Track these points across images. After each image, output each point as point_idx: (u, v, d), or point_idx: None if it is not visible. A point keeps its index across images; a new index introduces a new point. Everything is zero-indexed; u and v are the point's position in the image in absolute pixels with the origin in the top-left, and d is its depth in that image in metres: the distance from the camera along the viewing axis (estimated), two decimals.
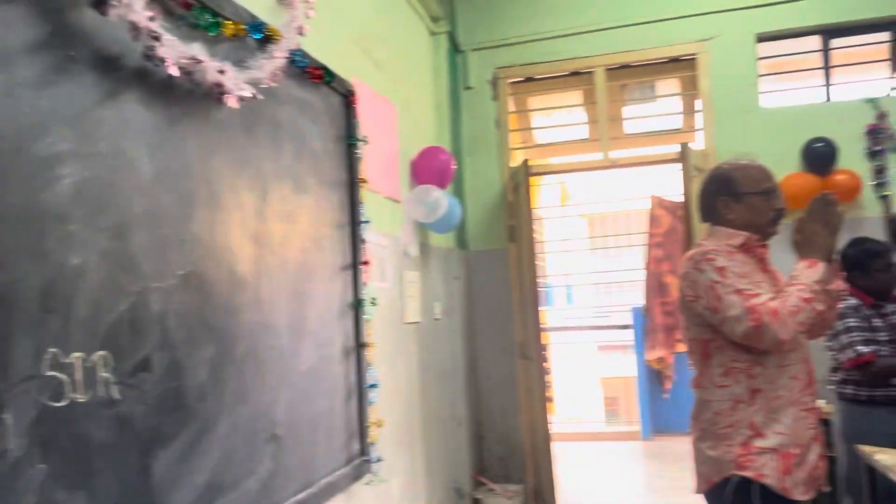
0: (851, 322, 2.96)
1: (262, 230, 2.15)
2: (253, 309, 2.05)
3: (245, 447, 1.96)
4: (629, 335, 7.16)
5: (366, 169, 2.91)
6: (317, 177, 2.55)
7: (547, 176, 9.11)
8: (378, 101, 3.30)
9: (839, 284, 2.06)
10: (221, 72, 1.79)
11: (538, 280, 4.30)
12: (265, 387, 2.09)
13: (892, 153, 4.12)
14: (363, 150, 2.88)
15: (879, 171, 4.11)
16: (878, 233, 3.88)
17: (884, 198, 4.08)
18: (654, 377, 6.77)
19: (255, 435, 2.03)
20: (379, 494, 3.00)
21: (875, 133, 4.12)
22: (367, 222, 2.87)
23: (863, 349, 2.91)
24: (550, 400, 4.50)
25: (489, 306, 4.63)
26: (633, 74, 4.69)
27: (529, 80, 4.80)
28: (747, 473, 1.91)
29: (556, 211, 10.46)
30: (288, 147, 2.35)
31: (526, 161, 4.14)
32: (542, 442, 4.08)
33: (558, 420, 8.28)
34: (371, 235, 3.02)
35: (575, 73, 4.67)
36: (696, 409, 2.08)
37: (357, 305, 2.82)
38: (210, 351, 1.82)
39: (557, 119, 5.35)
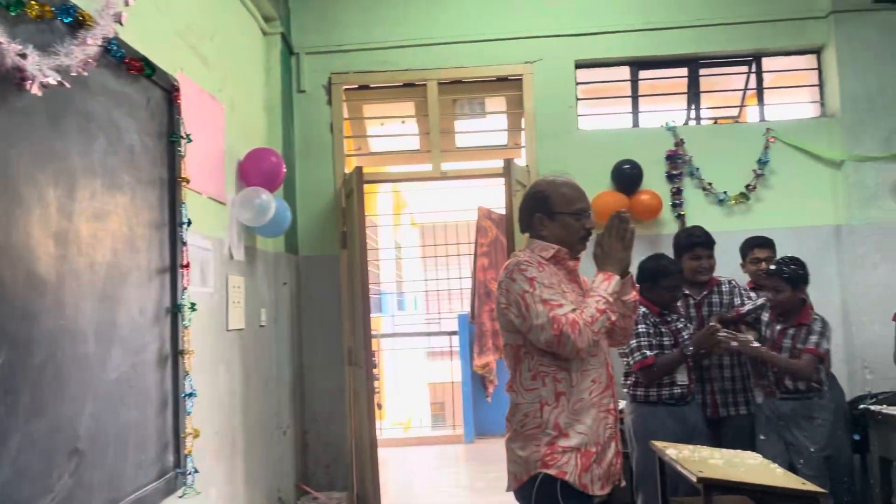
0: (640, 328, 3.25)
1: (68, 229, 2.00)
2: (54, 313, 1.90)
3: (40, 463, 1.81)
4: (456, 341, 7.39)
5: (188, 168, 2.79)
6: (133, 174, 2.41)
7: (381, 184, 9.20)
8: (204, 98, 3.18)
9: (634, 296, 2.26)
10: (23, 55, 1.65)
11: (369, 287, 4.33)
12: (67, 397, 1.94)
13: (687, 177, 4.59)
14: (186, 149, 2.76)
15: (676, 193, 4.56)
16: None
17: (679, 217, 4.54)
18: (478, 382, 7.03)
19: (54, 450, 1.87)
20: None
21: (673, 158, 4.57)
22: (188, 223, 2.75)
23: (647, 353, 3.21)
24: (379, 406, 4.52)
25: (319, 313, 4.58)
26: (464, 90, 4.87)
27: (364, 87, 4.83)
28: (550, 471, 2.05)
29: (389, 219, 10.57)
30: (100, 141, 2.21)
31: (359, 168, 4.15)
32: (367, 448, 4.09)
33: (386, 426, 8.35)
34: (193, 237, 2.89)
35: (409, 85, 4.77)
36: (509, 412, 2.20)
37: (175, 311, 2.69)
38: (0, 358, 1.66)
39: (391, 129, 5.42)
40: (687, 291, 3.52)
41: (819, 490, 2.34)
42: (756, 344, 3.32)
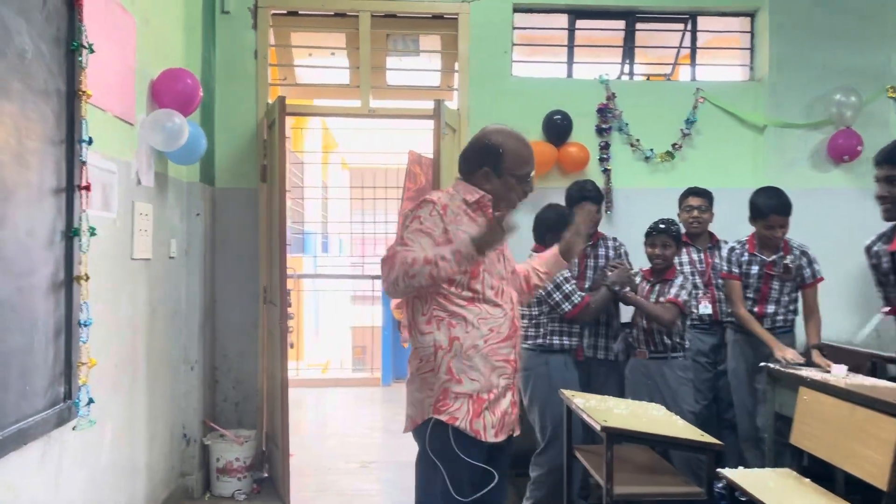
0: (566, 273, 3.30)
1: None
2: None
3: None
4: (379, 286, 7.33)
5: (92, 82, 2.57)
6: (23, 81, 2.20)
7: (310, 120, 8.92)
8: (112, 7, 2.93)
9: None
10: None
11: (293, 226, 4.18)
12: None
13: (616, 132, 4.59)
14: (87, 60, 2.54)
15: (604, 147, 4.56)
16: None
17: (605, 171, 4.55)
18: (396, 327, 7.03)
19: None
20: (89, 440, 2.75)
21: (604, 112, 4.56)
22: (89, 142, 2.55)
23: (582, 294, 3.35)
24: (291, 346, 4.44)
25: (234, 247, 4.42)
26: (399, 25, 4.69)
27: (293, 14, 4.59)
28: (442, 417, 2.04)
29: (318, 157, 10.30)
30: None
31: (282, 98, 3.95)
32: (278, 387, 4.01)
33: (305, 366, 8.29)
34: (95, 158, 2.70)
35: (340, 15, 4.55)
36: (410, 355, 2.18)
37: (71, 234, 2.51)
38: None
39: (319, 60, 5.20)
40: None
41: (716, 442, 2.41)
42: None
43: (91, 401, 2.62)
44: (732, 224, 3.94)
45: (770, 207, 3.53)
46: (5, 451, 2.11)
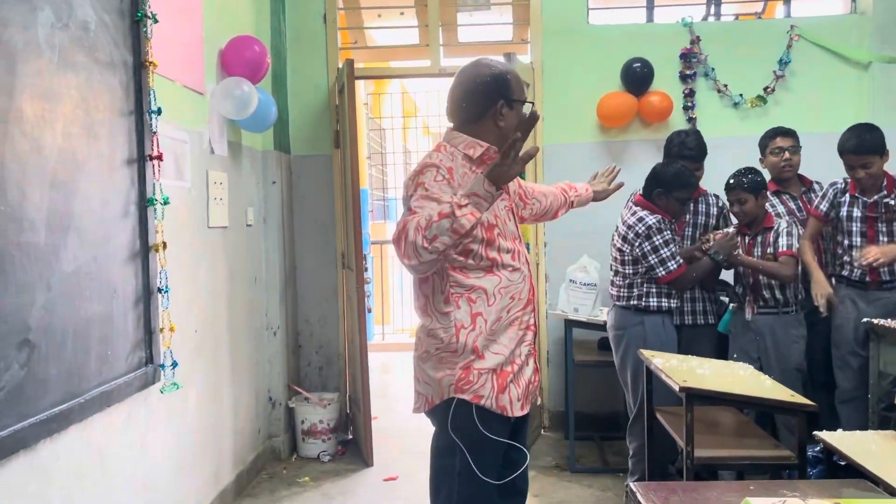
0: (667, 236, 3.11)
1: (7, 107, 1.84)
2: None
3: None
4: None
5: (159, 53, 2.60)
6: (88, 53, 2.23)
7: (389, 86, 8.89)
8: None
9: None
10: None
11: (367, 191, 4.17)
12: (10, 287, 1.83)
13: (701, 77, 4.31)
14: (152, 30, 2.57)
15: (689, 95, 4.30)
16: None
17: (690, 120, 4.29)
18: None
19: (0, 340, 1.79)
20: (174, 404, 2.85)
21: (688, 57, 4.29)
22: (158, 112, 2.59)
23: (680, 260, 3.13)
24: (370, 311, 4.46)
25: (311, 214, 4.46)
26: None
27: None
28: (465, 396, 1.91)
29: (398, 123, 10.29)
30: (46, 13, 2.02)
31: (350, 60, 3.91)
32: (358, 352, 4.05)
33: (392, 331, 8.42)
34: (167, 128, 2.74)
35: None
36: (421, 330, 2.03)
37: (145, 203, 2.56)
38: None
39: (388, 21, 5.12)
40: None
41: (808, 403, 2.24)
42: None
43: (175, 364, 2.70)
44: (833, 174, 3.61)
45: (844, 147, 3.22)
46: (90, 412, 2.20)
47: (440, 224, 1.72)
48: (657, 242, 3.11)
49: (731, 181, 3.26)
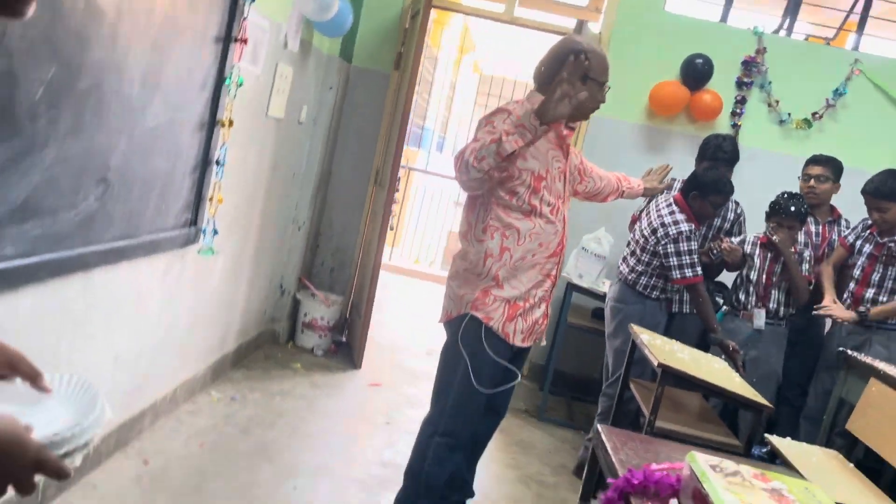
0: (693, 245, 3.26)
1: None
2: (106, 46, 1.98)
3: (70, 180, 1.96)
4: None
5: None
6: None
7: (453, 17, 8.90)
8: None
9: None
10: None
11: (410, 116, 4.34)
12: (104, 128, 2.06)
13: (756, 87, 4.42)
14: None
15: (740, 101, 4.42)
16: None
17: (734, 126, 4.43)
18: None
19: (84, 172, 2.02)
20: (202, 268, 3.10)
21: (749, 65, 4.39)
22: None
23: (699, 271, 3.23)
24: (391, 229, 4.68)
25: (358, 126, 4.64)
26: None
27: None
28: (478, 314, 2.23)
29: (452, 55, 10.33)
30: None
31: None
32: (370, 265, 4.30)
33: (398, 254, 8.66)
34: (252, 15, 2.91)
35: None
36: (458, 253, 2.34)
37: (221, 80, 2.76)
38: (50, 72, 1.77)
39: None
40: None
41: (766, 403, 2.48)
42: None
43: (216, 232, 2.95)
44: (861, 207, 3.71)
45: (865, 187, 3.40)
46: (139, 255, 2.46)
47: (489, 147, 1.99)
48: (682, 249, 3.25)
49: (791, 208, 3.34)
